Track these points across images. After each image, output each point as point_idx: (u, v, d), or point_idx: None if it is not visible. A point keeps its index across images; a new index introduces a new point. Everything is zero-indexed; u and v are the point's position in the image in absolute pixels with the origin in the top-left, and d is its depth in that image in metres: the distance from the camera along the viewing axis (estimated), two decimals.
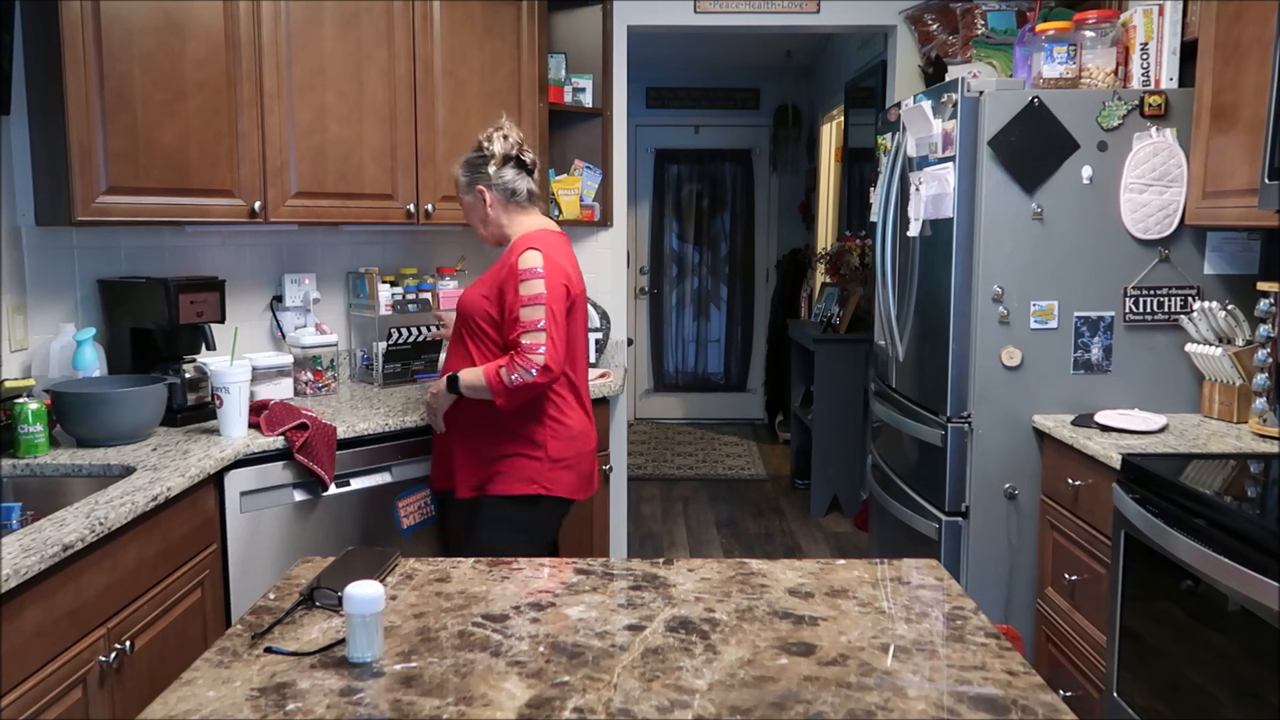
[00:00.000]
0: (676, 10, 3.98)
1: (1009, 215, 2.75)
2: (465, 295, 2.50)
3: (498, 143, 2.50)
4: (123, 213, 2.50)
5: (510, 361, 2.34)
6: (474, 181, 2.52)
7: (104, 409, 2.31)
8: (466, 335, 2.49)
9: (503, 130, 2.52)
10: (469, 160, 2.54)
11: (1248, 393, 2.55)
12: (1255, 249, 2.72)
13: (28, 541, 1.65)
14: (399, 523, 2.73)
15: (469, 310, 2.48)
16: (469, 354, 2.48)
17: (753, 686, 1.13)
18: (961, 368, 2.83)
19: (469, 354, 2.48)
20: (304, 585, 1.40)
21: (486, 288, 2.46)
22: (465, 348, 2.49)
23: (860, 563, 1.55)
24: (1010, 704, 1.09)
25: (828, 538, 4.80)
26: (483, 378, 2.37)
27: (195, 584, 2.18)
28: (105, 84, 2.43)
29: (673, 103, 7.23)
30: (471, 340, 2.48)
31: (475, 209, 2.53)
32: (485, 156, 2.50)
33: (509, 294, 2.37)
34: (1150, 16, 2.80)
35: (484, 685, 1.13)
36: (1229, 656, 1.88)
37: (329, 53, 2.88)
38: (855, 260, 5.04)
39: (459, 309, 2.51)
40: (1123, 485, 2.23)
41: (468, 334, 2.48)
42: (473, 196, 2.53)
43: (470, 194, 2.53)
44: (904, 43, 4.05)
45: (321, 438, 2.51)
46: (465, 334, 2.49)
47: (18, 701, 1.55)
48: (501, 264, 2.44)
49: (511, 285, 2.37)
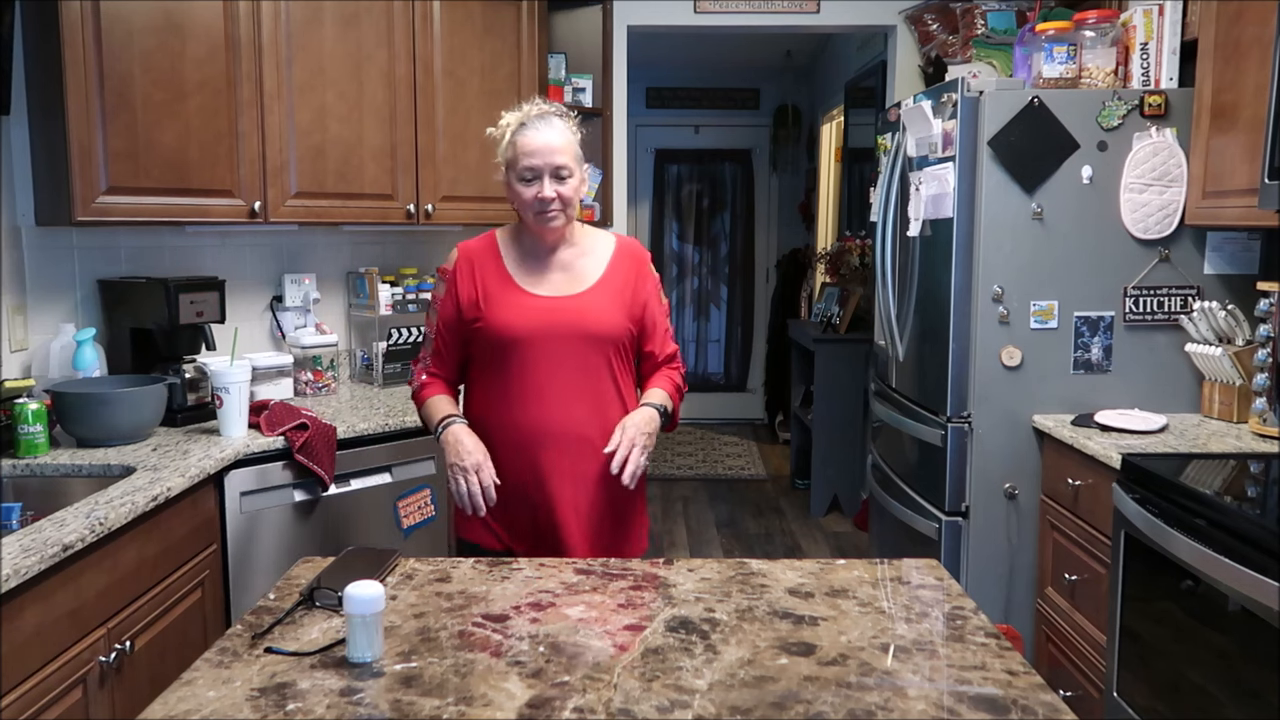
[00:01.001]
0: (676, 10, 3.98)
1: (1009, 215, 2.75)
2: (597, 319, 1.96)
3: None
4: (123, 213, 2.50)
5: (680, 375, 2.08)
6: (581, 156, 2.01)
7: (104, 409, 2.31)
8: (595, 364, 1.97)
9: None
10: (574, 130, 2.00)
11: (1248, 393, 2.55)
12: (1255, 249, 2.72)
13: (28, 541, 1.65)
14: (399, 523, 2.73)
15: (612, 337, 1.98)
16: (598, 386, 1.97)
17: (753, 686, 1.13)
18: (961, 368, 2.83)
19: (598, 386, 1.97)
20: (304, 585, 1.40)
21: (617, 302, 2.00)
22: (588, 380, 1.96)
23: (860, 563, 1.55)
24: (1010, 704, 1.09)
25: (828, 538, 4.80)
26: (671, 400, 2.02)
27: (195, 584, 2.18)
28: (105, 84, 2.43)
29: (673, 103, 7.23)
30: (604, 369, 1.98)
31: (579, 188, 1.99)
32: (574, 131, 2.01)
33: (652, 302, 2.05)
34: (1150, 16, 2.80)
35: (484, 685, 1.13)
36: (1229, 656, 1.88)
37: (329, 53, 2.88)
38: (855, 260, 5.04)
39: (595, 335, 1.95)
40: (1123, 485, 2.23)
41: (592, 360, 1.96)
42: (584, 173, 2.01)
43: (581, 169, 1.99)
44: (904, 43, 4.05)
45: (321, 438, 2.51)
46: (587, 359, 1.96)
47: (18, 702, 1.55)
48: (619, 269, 2.03)
49: (653, 290, 2.07)
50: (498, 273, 2.00)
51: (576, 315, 1.96)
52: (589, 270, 2.02)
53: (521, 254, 2.02)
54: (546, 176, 1.92)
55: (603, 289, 2.00)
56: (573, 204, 1.98)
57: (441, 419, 1.96)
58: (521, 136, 1.94)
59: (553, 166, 1.92)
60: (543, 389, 1.94)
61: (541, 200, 1.93)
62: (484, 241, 2.06)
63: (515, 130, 1.95)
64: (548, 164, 1.92)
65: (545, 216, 1.95)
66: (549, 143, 1.93)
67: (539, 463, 1.94)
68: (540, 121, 1.95)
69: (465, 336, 2.01)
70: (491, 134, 2.03)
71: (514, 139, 1.95)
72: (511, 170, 1.96)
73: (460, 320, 2.00)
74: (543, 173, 1.92)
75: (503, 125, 2.00)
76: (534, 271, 2.00)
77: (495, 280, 1.99)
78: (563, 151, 1.93)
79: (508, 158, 1.97)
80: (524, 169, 1.92)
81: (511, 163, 1.96)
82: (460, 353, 2.05)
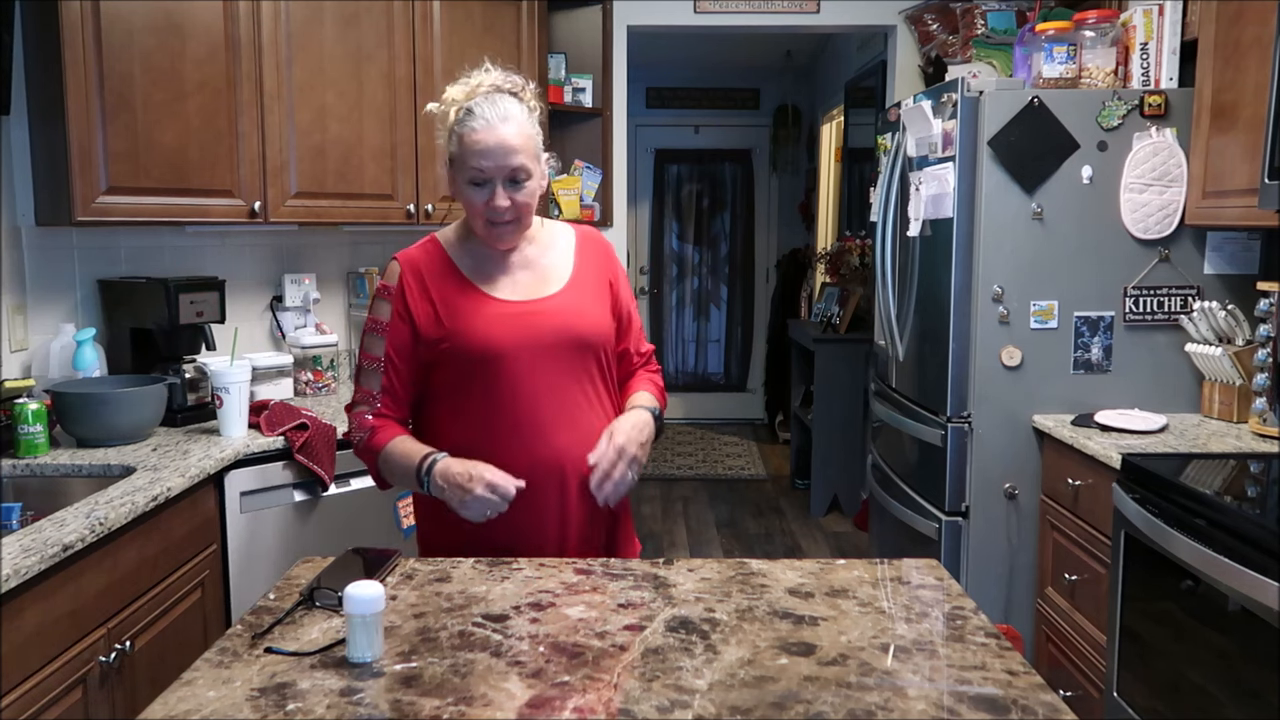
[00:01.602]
0: (676, 10, 3.98)
1: (1009, 215, 2.75)
2: (585, 321, 1.72)
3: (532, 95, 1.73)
4: (123, 213, 2.50)
5: (660, 378, 1.85)
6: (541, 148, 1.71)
7: (104, 409, 2.31)
8: (586, 376, 1.71)
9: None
10: (532, 112, 1.70)
11: (1248, 393, 2.55)
12: (1255, 249, 2.72)
13: (28, 541, 1.65)
14: (399, 523, 2.73)
15: (602, 339, 1.74)
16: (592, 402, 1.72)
17: (753, 686, 1.13)
18: (961, 368, 2.83)
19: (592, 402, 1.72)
20: (304, 585, 1.40)
21: (597, 299, 1.75)
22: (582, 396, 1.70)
23: (860, 563, 1.55)
24: (1010, 704, 1.09)
25: (828, 538, 4.80)
26: (658, 401, 1.80)
27: (195, 584, 2.18)
28: (105, 84, 2.43)
29: (673, 103, 7.23)
30: (596, 380, 1.73)
31: (539, 186, 1.71)
32: (532, 109, 1.70)
33: (625, 294, 1.82)
34: (1150, 16, 2.80)
35: (484, 685, 1.13)
36: (1229, 656, 1.88)
37: (329, 53, 2.88)
38: (855, 260, 5.04)
39: (586, 340, 1.71)
40: (1123, 485, 2.23)
41: (582, 370, 1.71)
42: (543, 167, 1.73)
43: (541, 164, 1.71)
44: (904, 43, 4.05)
45: (321, 438, 2.51)
46: (577, 370, 1.70)
47: (18, 702, 1.55)
48: (588, 261, 1.78)
49: (624, 281, 1.83)
50: (455, 280, 1.70)
51: (559, 319, 1.68)
52: (556, 267, 1.74)
53: (475, 256, 1.72)
54: (499, 182, 1.62)
55: (578, 286, 1.73)
56: (531, 210, 1.69)
57: (421, 460, 1.61)
58: (469, 131, 1.61)
59: (508, 170, 1.61)
60: (534, 411, 1.64)
61: (494, 209, 1.63)
62: (426, 248, 1.76)
63: (461, 119, 1.63)
64: (501, 167, 1.61)
65: (497, 229, 1.66)
66: (504, 141, 1.60)
67: (536, 505, 1.63)
68: (491, 108, 1.61)
69: (426, 364, 1.69)
70: (431, 111, 1.70)
71: (459, 131, 1.63)
72: (457, 167, 1.65)
73: (417, 345, 1.68)
74: (495, 178, 1.61)
75: (446, 102, 1.67)
76: (495, 274, 1.71)
77: (454, 289, 1.68)
78: (520, 150, 1.61)
79: (452, 151, 1.65)
80: (473, 171, 1.62)
81: (457, 159, 1.64)
82: (417, 387, 1.72)
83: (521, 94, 1.68)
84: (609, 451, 1.60)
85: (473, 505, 1.55)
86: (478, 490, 1.54)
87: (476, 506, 1.55)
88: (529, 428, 1.64)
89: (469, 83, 1.67)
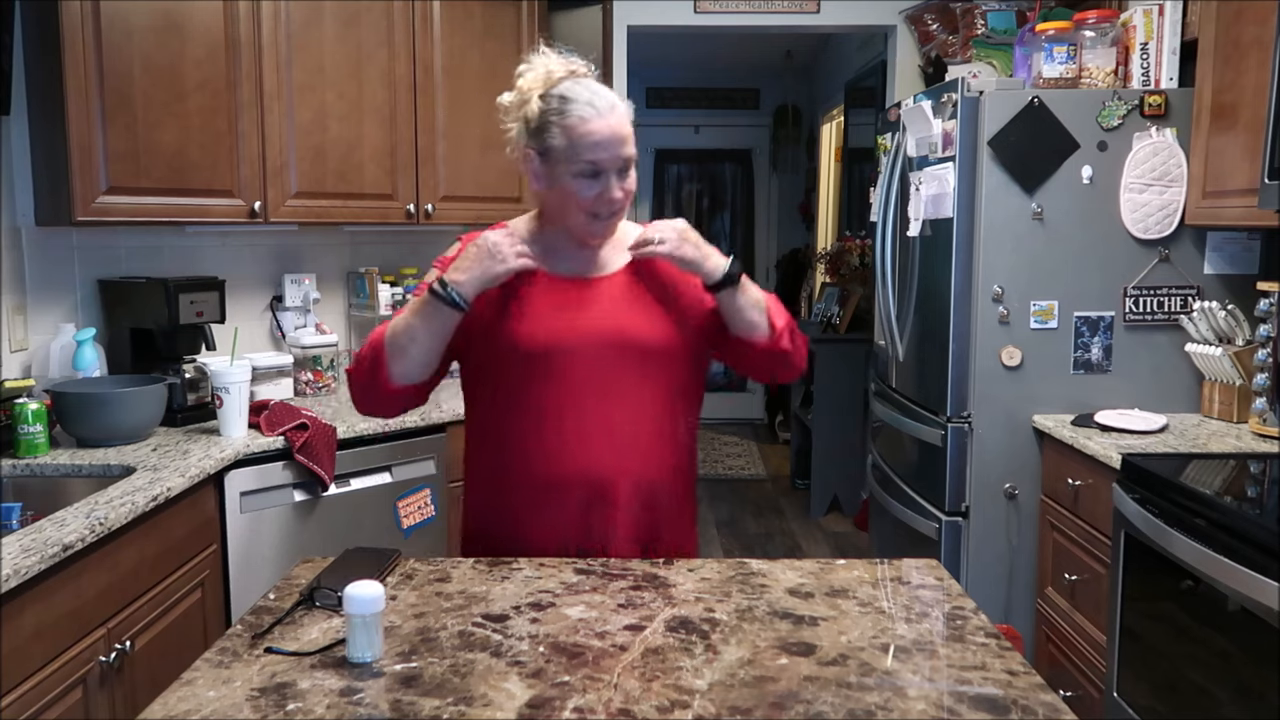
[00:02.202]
0: (676, 10, 3.98)
1: (1009, 215, 2.75)
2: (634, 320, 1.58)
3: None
4: (123, 213, 2.50)
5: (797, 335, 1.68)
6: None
7: (104, 409, 2.31)
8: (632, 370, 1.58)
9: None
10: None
11: (1248, 393, 2.55)
12: (1255, 249, 2.72)
13: (28, 541, 1.65)
14: (399, 523, 2.73)
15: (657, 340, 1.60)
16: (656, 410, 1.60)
17: (753, 686, 1.13)
18: (961, 368, 2.83)
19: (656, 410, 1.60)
20: (304, 585, 1.40)
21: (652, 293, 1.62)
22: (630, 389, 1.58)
23: (860, 563, 1.55)
24: (1010, 704, 1.09)
25: (828, 538, 4.80)
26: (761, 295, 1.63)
27: (195, 584, 2.18)
28: (105, 84, 2.43)
29: (673, 103, 7.22)
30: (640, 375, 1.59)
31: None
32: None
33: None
34: (1150, 16, 2.80)
35: (484, 685, 1.13)
36: (1229, 656, 1.88)
37: (329, 53, 2.88)
38: (855, 260, 5.04)
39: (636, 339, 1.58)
40: (1123, 485, 2.23)
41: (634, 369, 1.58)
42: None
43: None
44: (904, 43, 4.04)
45: (321, 438, 2.51)
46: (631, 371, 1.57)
47: (18, 701, 1.55)
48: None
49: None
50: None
51: (611, 321, 1.57)
52: (621, 253, 1.63)
53: (544, 252, 1.59)
54: (613, 174, 1.51)
55: (632, 281, 1.62)
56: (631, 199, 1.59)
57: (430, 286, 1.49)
58: (578, 121, 1.49)
59: (621, 160, 1.51)
60: (589, 420, 1.53)
61: (608, 202, 1.52)
62: (491, 228, 1.63)
63: (558, 108, 1.51)
64: (616, 158, 1.50)
65: (601, 223, 1.54)
66: (617, 130, 1.50)
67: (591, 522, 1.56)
68: (593, 95, 1.51)
69: (459, 344, 1.58)
70: (507, 102, 1.57)
71: (562, 121, 1.50)
72: (558, 159, 1.51)
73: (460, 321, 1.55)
74: (609, 169, 1.50)
75: (523, 91, 1.54)
76: (555, 253, 1.61)
77: (514, 279, 1.55)
78: (630, 139, 1.52)
79: (552, 144, 1.51)
80: (586, 164, 1.49)
81: (561, 151, 1.50)
82: (444, 362, 1.59)
83: (600, 78, 1.59)
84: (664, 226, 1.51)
85: (497, 250, 1.46)
86: (496, 241, 1.47)
87: (502, 250, 1.47)
88: (573, 430, 1.54)
89: (536, 70, 1.55)
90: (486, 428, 1.62)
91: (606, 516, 1.57)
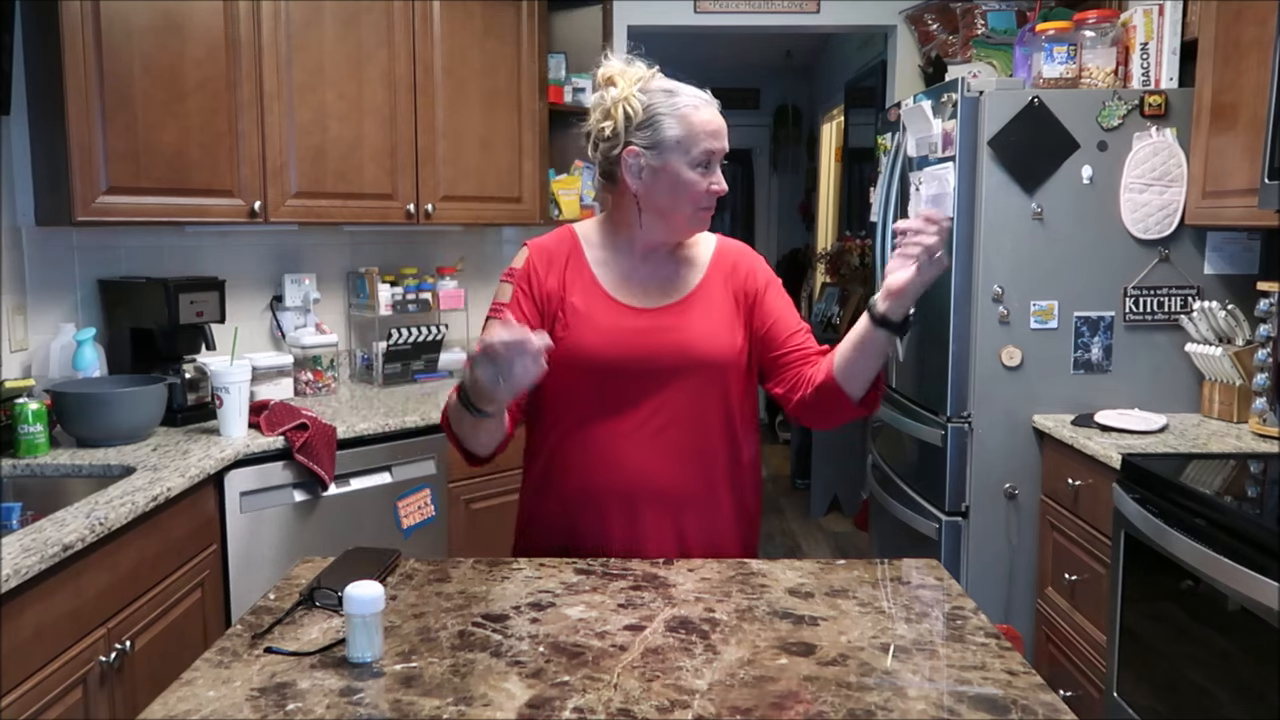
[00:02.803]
0: (676, 10, 3.98)
1: (1009, 215, 2.75)
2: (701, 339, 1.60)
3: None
4: (123, 213, 2.50)
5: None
6: None
7: (104, 409, 2.31)
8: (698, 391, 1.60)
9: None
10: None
11: (1248, 393, 2.55)
12: (1255, 249, 2.72)
13: (28, 541, 1.65)
14: (399, 523, 2.73)
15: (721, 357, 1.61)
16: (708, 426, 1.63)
17: (753, 686, 1.13)
18: (961, 368, 2.83)
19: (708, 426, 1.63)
20: (304, 585, 1.40)
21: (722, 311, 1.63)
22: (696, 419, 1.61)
23: (860, 563, 1.55)
24: (1010, 704, 1.09)
25: (828, 538, 4.80)
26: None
27: (195, 584, 2.18)
28: (105, 84, 2.43)
29: None
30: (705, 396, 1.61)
31: None
32: None
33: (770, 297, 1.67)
34: (1150, 16, 2.80)
35: (484, 685, 1.13)
36: (1229, 656, 1.88)
37: (329, 53, 2.88)
38: (855, 260, 5.04)
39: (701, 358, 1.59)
40: (1123, 485, 2.23)
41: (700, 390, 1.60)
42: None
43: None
44: (904, 43, 4.04)
45: (321, 438, 2.51)
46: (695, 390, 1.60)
47: (18, 701, 1.55)
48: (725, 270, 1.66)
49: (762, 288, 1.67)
50: (583, 281, 1.61)
51: (676, 335, 1.58)
52: (686, 277, 1.65)
53: (613, 258, 1.63)
54: (717, 164, 1.58)
55: (704, 299, 1.62)
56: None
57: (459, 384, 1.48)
58: (691, 110, 1.55)
59: (725, 152, 1.59)
60: (639, 431, 1.56)
61: (717, 190, 1.57)
62: (561, 238, 1.66)
63: (668, 100, 1.55)
64: (723, 149, 1.58)
65: (705, 213, 1.60)
66: (722, 123, 1.58)
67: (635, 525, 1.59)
68: (692, 91, 1.59)
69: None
70: (608, 99, 1.56)
71: (676, 111, 1.54)
72: (674, 150, 1.54)
73: (537, 322, 1.59)
74: (717, 159, 1.57)
75: (621, 86, 1.56)
76: (630, 282, 1.62)
77: (581, 290, 1.59)
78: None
79: (669, 134, 1.53)
80: (704, 153, 1.54)
81: (680, 140, 1.53)
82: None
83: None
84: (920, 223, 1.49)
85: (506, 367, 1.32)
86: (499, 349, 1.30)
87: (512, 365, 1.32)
88: (631, 450, 1.56)
89: (617, 70, 1.57)
90: (543, 431, 1.64)
91: (653, 526, 1.59)
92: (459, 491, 2.88)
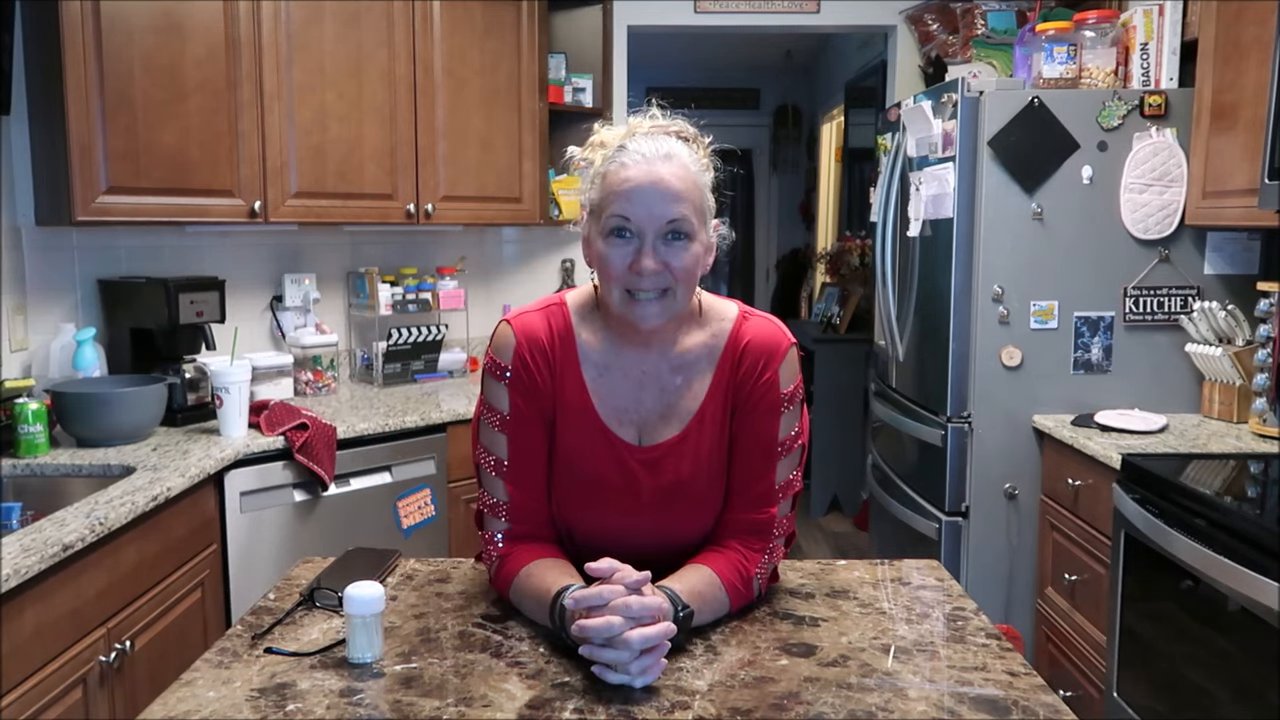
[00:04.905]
0: (676, 10, 3.98)
1: (1009, 215, 2.75)
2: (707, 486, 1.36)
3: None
4: (123, 213, 2.50)
5: (757, 568, 1.34)
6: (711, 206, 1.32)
7: (104, 409, 2.31)
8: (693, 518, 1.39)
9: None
10: (703, 162, 1.32)
11: (1248, 393, 2.55)
12: (1255, 249, 2.72)
13: (28, 541, 1.65)
14: (399, 523, 2.73)
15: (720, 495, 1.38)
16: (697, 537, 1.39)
17: (753, 687, 1.13)
18: (961, 368, 2.83)
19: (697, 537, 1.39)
20: (304, 585, 1.40)
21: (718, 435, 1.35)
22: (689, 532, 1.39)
23: (861, 563, 1.55)
24: (1011, 705, 1.09)
25: (828, 538, 4.80)
26: (710, 598, 1.28)
27: (195, 584, 2.18)
28: (105, 84, 2.43)
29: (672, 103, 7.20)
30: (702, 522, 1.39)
31: (701, 259, 1.30)
32: (704, 162, 1.33)
33: (759, 421, 1.35)
34: (1150, 16, 2.80)
35: (484, 686, 1.13)
36: (1229, 656, 1.88)
37: (329, 53, 2.88)
38: (855, 260, 5.04)
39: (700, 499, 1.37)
40: (1123, 485, 2.23)
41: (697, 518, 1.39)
42: (711, 235, 1.33)
43: (709, 229, 1.32)
44: (904, 43, 4.04)
45: (321, 438, 2.51)
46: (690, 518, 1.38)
47: (18, 702, 1.55)
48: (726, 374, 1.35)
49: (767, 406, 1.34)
50: (574, 377, 1.34)
51: (669, 478, 1.34)
52: (693, 386, 1.35)
53: (602, 352, 1.35)
54: (650, 237, 1.23)
55: (702, 422, 1.34)
56: (691, 282, 1.28)
57: (553, 602, 1.21)
58: (617, 168, 1.26)
59: (662, 221, 1.23)
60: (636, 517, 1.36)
61: (638, 273, 1.24)
62: (551, 320, 1.36)
63: (614, 157, 1.27)
64: (654, 217, 1.23)
65: (639, 305, 1.26)
66: (660, 180, 1.23)
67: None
68: (649, 144, 1.26)
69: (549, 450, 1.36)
70: (576, 157, 1.36)
71: (608, 170, 1.27)
72: (593, 217, 1.29)
73: (544, 427, 1.34)
74: (645, 230, 1.23)
75: (592, 145, 1.33)
76: (617, 385, 1.35)
77: (573, 389, 1.34)
78: (682, 197, 1.24)
79: (592, 198, 1.29)
80: (613, 218, 1.24)
81: (597, 206, 1.28)
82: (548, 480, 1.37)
83: (692, 141, 1.33)
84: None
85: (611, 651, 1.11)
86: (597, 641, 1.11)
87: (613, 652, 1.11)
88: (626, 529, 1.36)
89: (629, 121, 1.34)
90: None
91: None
92: (459, 491, 2.88)
